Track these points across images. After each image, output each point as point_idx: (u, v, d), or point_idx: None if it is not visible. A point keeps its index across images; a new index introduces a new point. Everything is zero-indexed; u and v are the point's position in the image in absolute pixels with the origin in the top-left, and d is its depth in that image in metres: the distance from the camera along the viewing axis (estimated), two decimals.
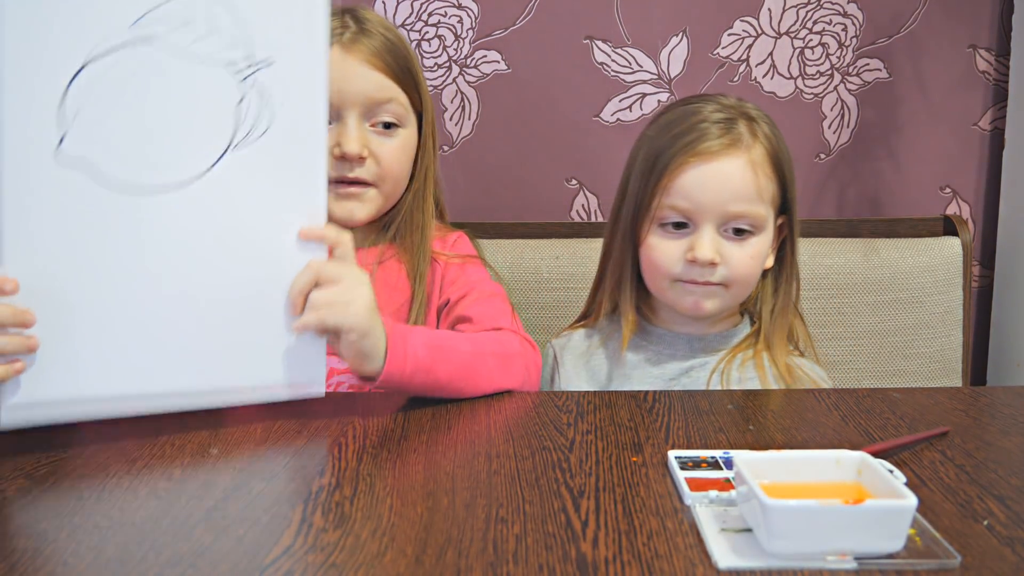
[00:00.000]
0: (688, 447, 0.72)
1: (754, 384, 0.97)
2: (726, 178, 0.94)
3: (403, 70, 1.03)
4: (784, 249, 1.03)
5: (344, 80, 0.97)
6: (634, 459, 0.70)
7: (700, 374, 0.99)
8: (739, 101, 1.01)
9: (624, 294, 1.02)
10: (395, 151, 1.02)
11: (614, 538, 0.56)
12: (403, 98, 1.02)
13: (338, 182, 0.99)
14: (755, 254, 0.97)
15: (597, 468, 0.68)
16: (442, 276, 1.06)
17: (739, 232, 0.96)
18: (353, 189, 1.00)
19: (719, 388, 0.97)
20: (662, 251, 0.97)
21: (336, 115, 0.99)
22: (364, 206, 1.02)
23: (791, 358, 1.01)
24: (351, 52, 0.99)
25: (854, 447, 0.61)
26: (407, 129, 1.04)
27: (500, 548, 0.55)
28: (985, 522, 0.58)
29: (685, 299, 0.97)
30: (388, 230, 1.08)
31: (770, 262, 1.02)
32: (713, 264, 0.94)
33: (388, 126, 1.01)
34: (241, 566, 0.53)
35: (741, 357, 0.99)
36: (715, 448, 0.72)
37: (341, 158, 0.98)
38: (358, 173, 1.00)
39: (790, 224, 1.01)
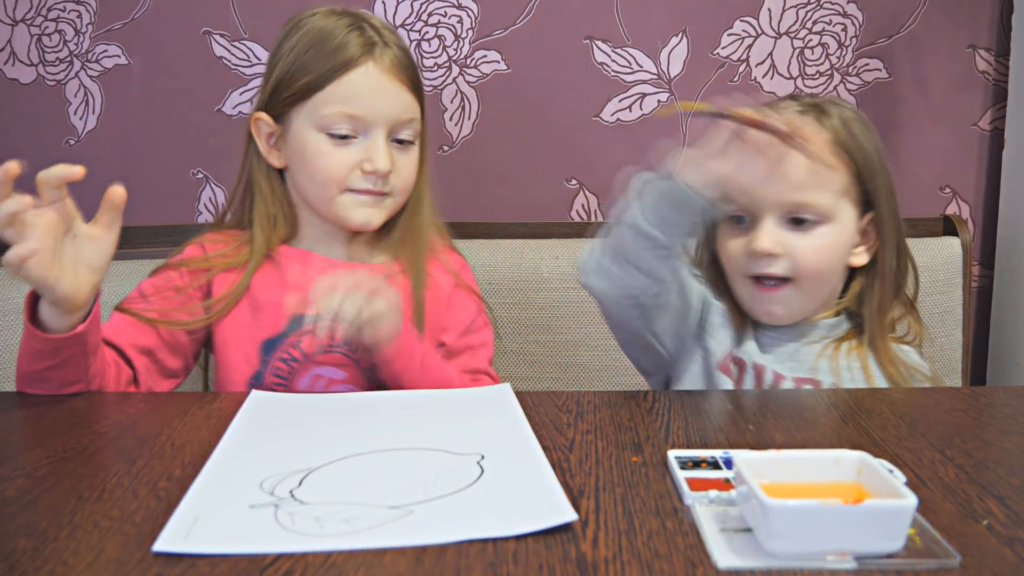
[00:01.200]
0: (688, 447, 0.72)
1: (859, 373, 0.96)
2: (784, 167, 0.91)
3: (418, 86, 1.07)
4: (880, 247, 0.99)
5: (379, 99, 1.02)
6: (634, 459, 0.70)
7: (807, 356, 0.98)
8: (826, 99, 1.00)
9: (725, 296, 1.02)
10: (411, 165, 1.07)
11: (614, 538, 0.56)
12: (419, 115, 1.07)
13: (364, 192, 1.04)
14: (821, 246, 0.94)
15: (597, 468, 0.68)
16: (449, 298, 1.10)
17: (801, 222, 0.94)
18: (375, 197, 1.04)
19: (827, 373, 0.96)
20: (731, 249, 0.97)
21: (364, 131, 1.02)
22: (381, 212, 1.06)
23: (895, 346, 0.99)
24: (383, 69, 1.02)
25: (854, 447, 0.61)
26: (419, 141, 1.09)
27: (500, 548, 0.55)
28: (985, 522, 0.58)
29: (760, 304, 0.97)
30: (391, 233, 1.11)
31: (860, 260, 0.99)
32: (773, 255, 0.93)
33: (404, 140, 1.05)
34: (241, 566, 0.53)
35: (847, 347, 0.98)
36: (715, 448, 0.72)
37: (370, 173, 1.02)
38: (381, 187, 1.04)
39: (880, 220, 0.98)
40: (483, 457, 0.69)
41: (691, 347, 1.01)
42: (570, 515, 0.57)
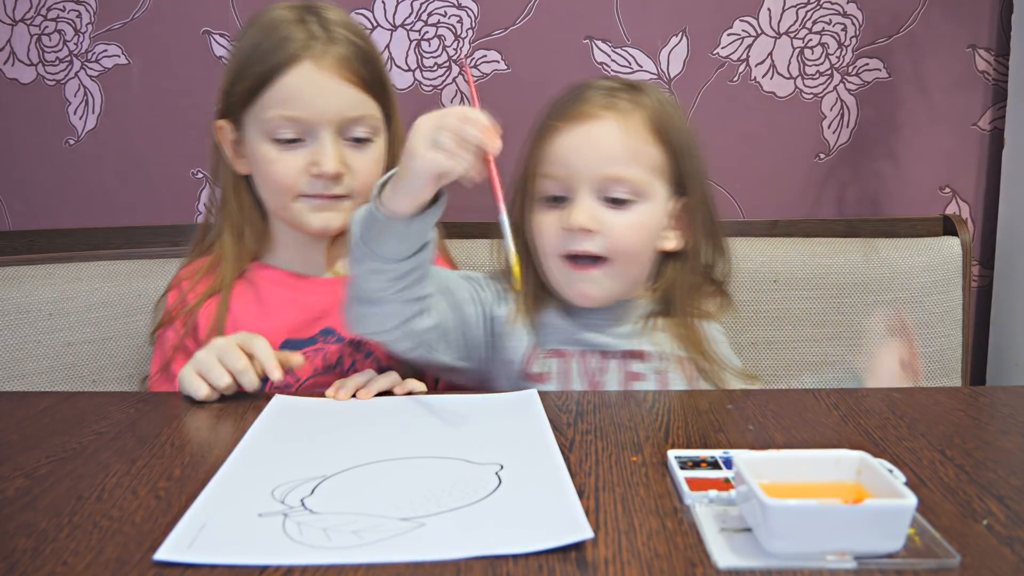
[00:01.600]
0: (688, 447, 0.72)
1: (662, 344, 0.96)
2: (597, 140, 0.91)
3: (374, 80, 1.02)
4: (692, 234, 0.97)
5: (319, 98, 0.98)
6: (634, 459, 0.70)
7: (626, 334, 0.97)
8: (641, 81, 0.98)
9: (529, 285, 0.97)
10: (370, 163, 1.02)
11: (614, 538, 0.56)
12: (376, 110, 1.02)
13: (316, 197, 1.00)
14: (636, 224, 0.92)
15: (597, 468, 0.68)
16: None
17: (619, 202, 0.91)
18: (329, 201, 1.01)
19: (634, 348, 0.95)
20: (544, 228, 0.93)
21: (310, 132, 0.99)
22: (340, 216, 1.01)
23: (708, 327, 0.99)
24: (323, 67, 0.98)
25: (854, 447, 0.61)
26: (381, 138, 1.04)
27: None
28: (985, 522, 0.58)
29: (574, 285, 0.93)
30: None
31: (670, 244, 0.96)
32: (589, 231, 0.90)
33: (361, 139, 1.02)
34: (238, 569, 0.53)
35: (661, 324, 0.97)
36: (715, 448, 0.72)
37: (318, 176, 0.99)
38: (335, 190, 1.00)
39: (692, 207, 0.95)
40: (502, 467, 0.68)
41: (490, 359, 0.98)
42: (586, 533, 0.56)
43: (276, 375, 0.88)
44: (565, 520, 0.58)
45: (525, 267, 0.95)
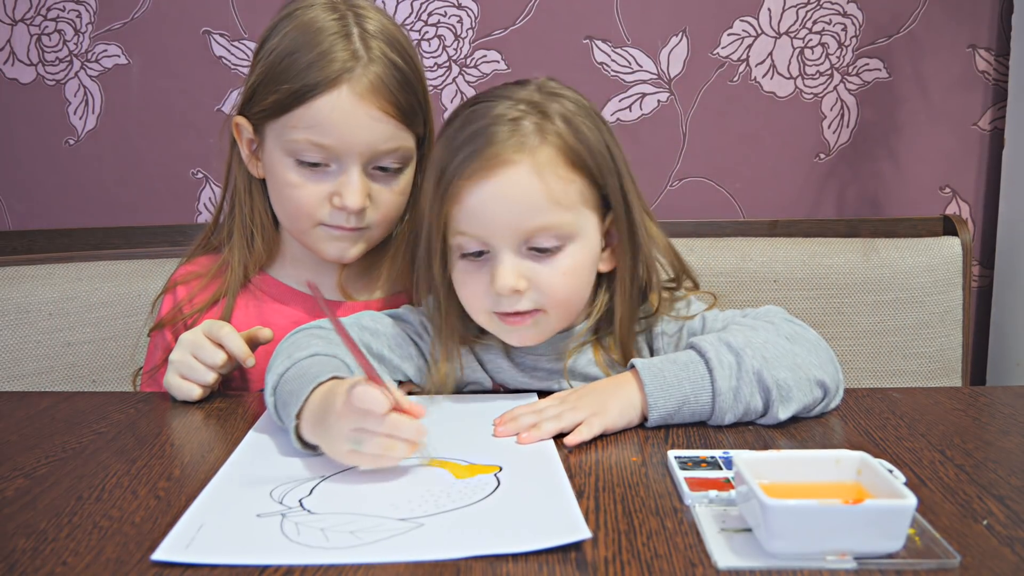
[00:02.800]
0: (688, 447, 0.72)
1: (596, 370, 0.89)
2: (511, 192, 0.80)
3: (413, 107, 0.94)
4: (618, 249, 0.87)
5: (351, 129, 0.90)
6: (634, 459, 0.70)
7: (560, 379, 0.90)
8: (546, 89, 0.85)
9: (450, 334, 0.88)
10: (395, 196, 0.97)
11: (614, 538, 0.56)
12: (410, 140, 0.96)
13: (336, 228, 0.95)
14: (568, 269, 0.83)
15: (597, 468, 0.68)
16: None
17: (545, 250, 0.81)
18: (349, 232, 0.96)
19: (579, 379, 0.89)
20: (469, 287, 0.84)
21: (337, 160, 0.92)
22: (357, 247, 0.97)
23: (677, 304, 0.91)
24: (360, 95, 0.90)
25: (854, 447, 0.61)
26: (410, 167, 0.98)
27: None
28: (985, 522, 0.58)
29: (510, 336, 0.86)
30: (382, 255, 1.03)
31: (604, 266, 0.88)
32: (518, 292, 0.81)
33: (388, 168, 0.95)
34: (238, 568, 0.53)
35: (606, 342, 0.90)
36: (715, 448, 0.72)
37: (341, 209, 0.93)
38: (355, 223, 0.94)
39: (623, 214, 0.85)
40: (501, 469, 0.68)
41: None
42: (584, 533, 0.56)
43: (250, 363, 0.89)
44: (563, 521, 0.58)
45: (454, 315, 0.88)
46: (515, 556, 0.54)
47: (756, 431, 0.76)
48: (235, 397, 0.90)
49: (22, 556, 0.55)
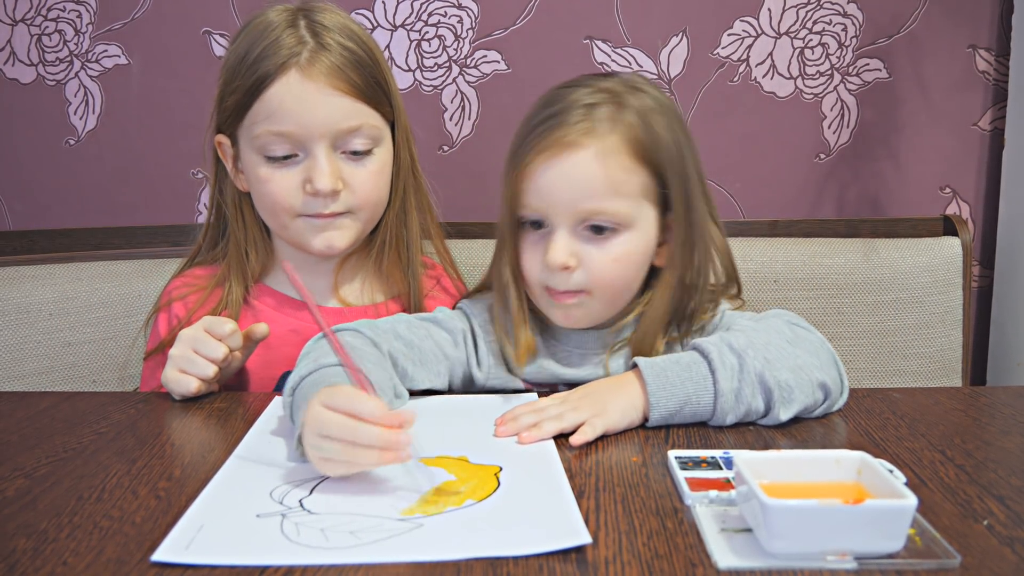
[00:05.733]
0: (688, 447, 0.72)
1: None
2: (574, 173, 0.83)
3: (371, 86, 0.95)
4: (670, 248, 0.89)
5: (308, 111, 0.91)
6: (634, 459, 0.70)
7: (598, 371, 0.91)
8: (628, 82, 0.88)
9: (517, 309, 0.90)
10: (371, 176, 0.97)
11: (614, 538, 0.56)
12: (375, 118, 0.96)
13: (315, 216, 0.95)
14: (619, 255, 0.85)
15: (597, 468, 0.68)
16: None
17: (599, 230, 0.85)
18: (329, 219, 0.96)
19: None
20: (528, 258, 0.88)
21: (303, 148, 0.93)
22: (343, 234, 0.97)
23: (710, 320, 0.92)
24: (310, 76, 0.92)
25: (854, 447, 0.61)
26: (382, 147, 0.98)
27: None
28: (985, 522, 0.58)
29: (556, 313, 0.89)
30: (372, 256, 1.04)
31: (659, 260, 0.90)
32: (567, 268, 0.85)
33: (359, 152, 0.96)
34: (239, 569, 0.53)
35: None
36: (715, 448, 0.72)
37: (314, 195, 0.94)
38: (333, 208, 0.95)
39: (683, 217, 0.87)
40: (501, 469, 0.68)
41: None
42: (584, 538, 0.55)
43: (263, 329, 0.92)
44: (564, 524, 0.58)
45: (517, 287, 0.90)
46: (515, 557, 0.54)
47: (756, 431, 0.76)
48: (235, 397, 0.90)
49: (22, 556, 0.55)
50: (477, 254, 1.28)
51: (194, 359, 0.87)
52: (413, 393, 0.87)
